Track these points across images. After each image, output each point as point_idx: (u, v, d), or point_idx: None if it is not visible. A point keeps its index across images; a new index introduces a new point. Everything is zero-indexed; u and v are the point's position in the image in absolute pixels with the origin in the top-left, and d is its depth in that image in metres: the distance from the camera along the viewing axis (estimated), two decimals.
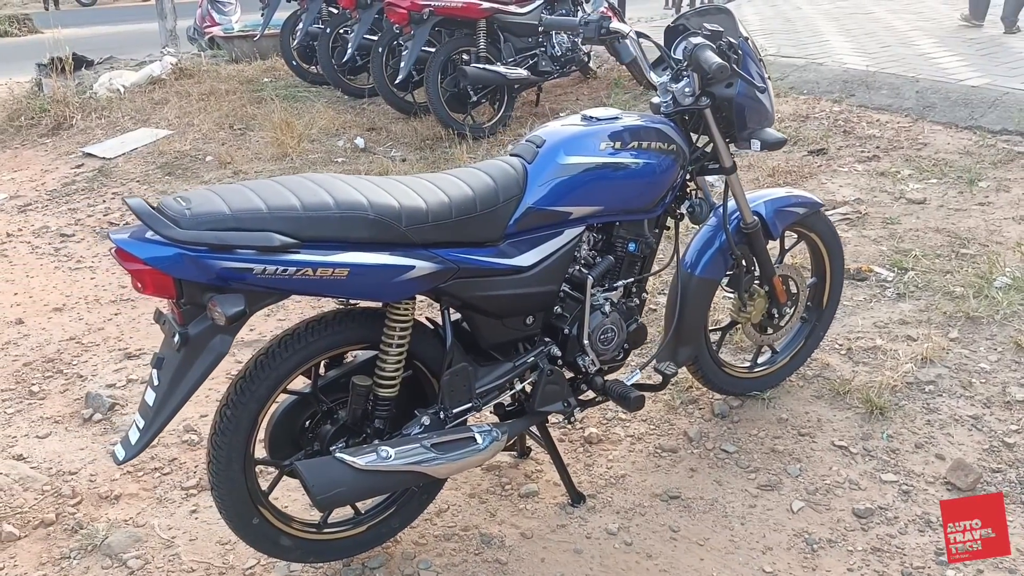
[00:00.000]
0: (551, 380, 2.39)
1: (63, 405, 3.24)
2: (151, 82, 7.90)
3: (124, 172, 5.97)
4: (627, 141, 2.32)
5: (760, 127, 2.54)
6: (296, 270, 1.87)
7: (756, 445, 2.80)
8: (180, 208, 1.84)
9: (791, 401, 3.00)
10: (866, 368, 3.14)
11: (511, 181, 2.22)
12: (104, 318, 3.91)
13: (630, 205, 2.39)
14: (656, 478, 2.68)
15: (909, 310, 3.48)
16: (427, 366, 2.29)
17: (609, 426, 2.94)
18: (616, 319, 2.46)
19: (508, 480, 2.69)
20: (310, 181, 2.03)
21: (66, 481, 2.79)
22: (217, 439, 2.08)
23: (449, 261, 2.08)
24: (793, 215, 2.80)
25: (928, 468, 2.65)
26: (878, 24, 8.09)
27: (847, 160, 5.00)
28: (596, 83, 6.96)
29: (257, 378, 2.07)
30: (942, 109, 5.50)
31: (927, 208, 4.35)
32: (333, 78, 7.26)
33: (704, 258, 2.69)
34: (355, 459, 2.03)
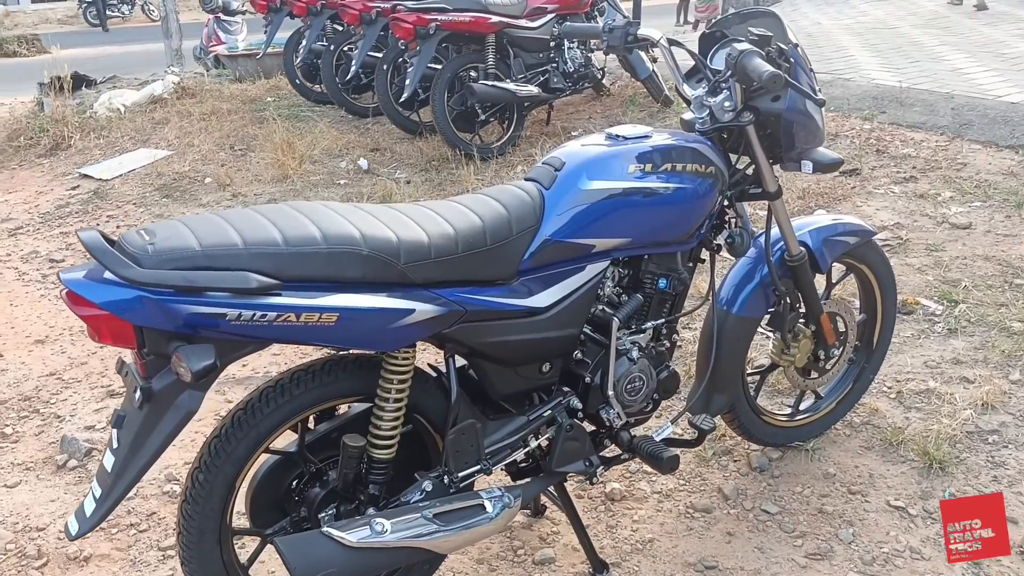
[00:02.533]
0: (571, 436, 2.09)
1: (37, 449, 2.97)
2: (152, 101, 7.70)
3: (120, 194, 5.73)
4: (659, 163, 2.03)
5: (810, 146, 2.25)
6: (277, 315, 1.59)
7: (801, 505, 2.49)
8: (142, 243, 1.56)
9: (838, 453, 2.69)
10: (919, 415, 2.83)
11: (526, 210, 1.94)
12: (88, 351, 3.64)
13: (662, 236, 2.09)
14: (689, 543, 2.37)
15: (963, 348, 3.16)
16: (429, 420, 2.00)
17: (633, 480, 2.63)
18: (645, 366, 2.16)
19: (521, 544, 2.39)
20: (294, 210, 1.76)
21: (32, 539, 2.52)
22: (188, 507, 1.80)
23: (454, 303, 1.80)
24: (843, 245, 2.50)
25: None
26: (903, 39, 7.80)
27: (882, 181, 4.68)
28: (610, 100, 6.66)
29: (234, 437, 1.79)
30: (980, 127, 5.19)
31: (973, 234, 4.03)
32: (337, 97, 7.01)
33: (743, 294, 2.39)
34: (344, 535, 1.74)
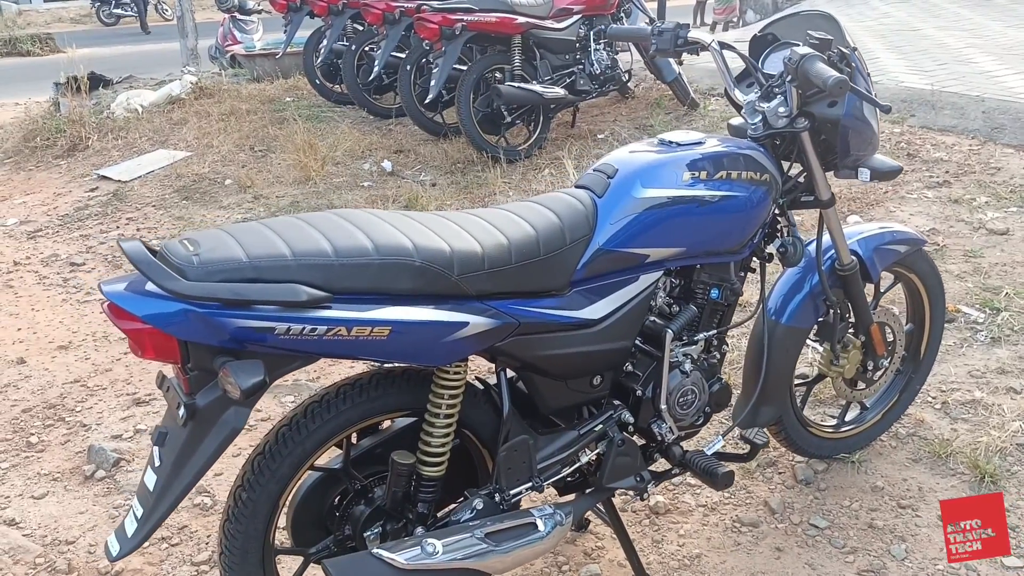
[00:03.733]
0: (622, 451, 2.02)
1: (63, 459, 2.91)
2: (170, 102, 7.63)
3: (140, 196, 5.68)
4: (713, 171, 1.96)
5: (865, 153, 2.18)
6: (327, 330, 1.53)
7: (850, 519, 2.42)
8: (186, 254, 1.50)
9: (885, 465, 2.62)
10: (967, 426, 2.76)
11: (579, 218, 1.87)
12: (112, 358, 3.59)
13: (716, 245, 2.03)
14: (737, 559, 2.31)
15: (1007, 357, 3.09)
16: (477, 435, 1.94)
17: (677, 493, 2.57)
18: (697, 378, 2.10)
19: (565, 559, 2.33)
20: (341, 219, 1.69)
21: (61, 553, 2.46)
22: (231, 527, 1.74)
23: (508, 315, 1.73)
24: (894, 254, 2.43)
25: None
26: (928, 41, 7.70)
27: (915, 186, 4.60)
28: (635, 103, 6.58)
29: (279, 454, 1.73)
30: (1013, 131, 5.10)
31: (1011, 240, 3.95)
32: (358, 97, 6.93)
33: (792, 304, 2.33)
34: (395, 556, 1.68)
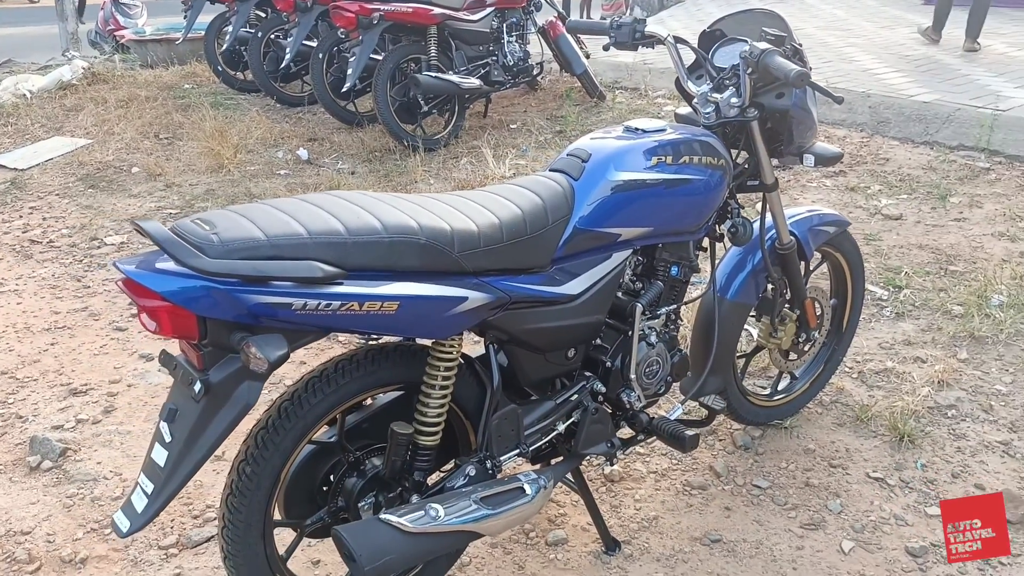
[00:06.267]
0: (596, 419, 2.16)
1: (3, 451, 2.84)
2: (61, 87, 7.35)
3: (41, 184, 5.47)
4: (676, 156, 2.11)
5: (807, 141, 2.38)
6: (341, 304, 1.60)
7: (788, 479, 2.63)
8: (204, 233, 1.54)
9: (814, 430, 2.85)
10: (882, 392, 3.02)
11: (559, 199, 1.99)
12: (39, 348, 3.49)
13: (679, 225, 2.18)
14: (691, 519, 2.48)
15: (912, 330, 3.39)
16: (461, 407, 2.03)
17: (629, 462, 2.73)
18: (661, 349, 2.25)
19: (532, 526, 2.45)
20: (346, 200, 1.76)
21: (19, 543, 2.42)
22: (234, 500, 1.78)
23: (500, 290, 1.84)
24: (825, 234, 2.65)
25: None
26: (812, 40, 8.14)
27: (814, 176, 4.92)
28: (543, 95, 6.75)
29: (282, 427, 1.78)
30: (897, 124, 5.51)
31: (905, 224, 4.30)
32: (265, 85, 6.85)
33: (737, 281, 2.51)
34: (402, 520, 1.75)
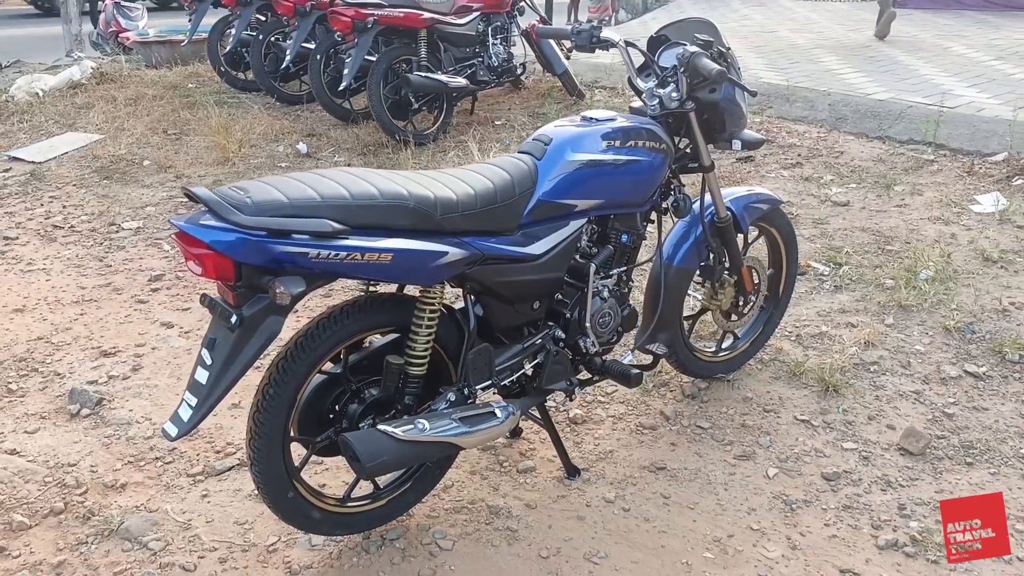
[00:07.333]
0: (556, 360, 2.59)
1: (46, 402, 3.24)
2: (71, 86, 7.75)
3: (58, 176, 5.87)
4: (625, 140, 2.54)
5: (738, 129, 2.81)
6: (347, 254, 2.01)
7: (727, 421, 3.06)
8: (240, 197, 1.96)
9: (753, 382, 3.28)
10: (815, 352, 3.46)
11: (525, 176, 2.42)
12: (69, 318, 3.90)
13: (627, 199, 2.61)
14: (641, 452, 2.91)
15: (847, 300, 3.82)
16: (443, 347, 2.45)
17: (591, 408, 3.16)
18: (612, 304, 2.68)
19: (505, 458, 2.88)
20: (350, 174, 2.18)
21: (67, 472, 2.82)
22: (260, 416, 2.19)
23: (475, 248, 2.26)
24: (759, 211, 3.08)
25: (882, 437, 2.95)
26: (783, 42, 8.61)
27: (773, 167, 5.38)
28: (527, 93, 7.20)
29: (298, 358, 2.19)
30: (853, 121, 5.96)
31: (851, 210, 4.74)
32: (266, 84, 7.28)
33: (681, 250, 2.93)
34: (395, 430, 2.17)
